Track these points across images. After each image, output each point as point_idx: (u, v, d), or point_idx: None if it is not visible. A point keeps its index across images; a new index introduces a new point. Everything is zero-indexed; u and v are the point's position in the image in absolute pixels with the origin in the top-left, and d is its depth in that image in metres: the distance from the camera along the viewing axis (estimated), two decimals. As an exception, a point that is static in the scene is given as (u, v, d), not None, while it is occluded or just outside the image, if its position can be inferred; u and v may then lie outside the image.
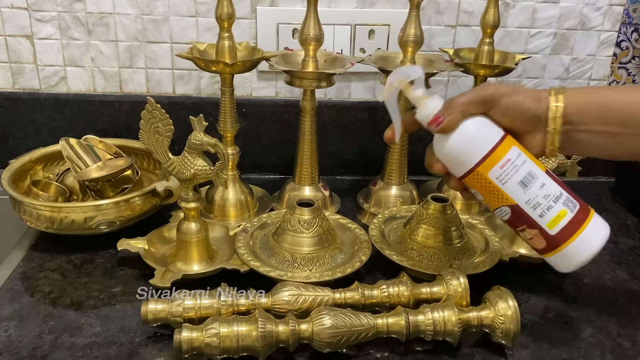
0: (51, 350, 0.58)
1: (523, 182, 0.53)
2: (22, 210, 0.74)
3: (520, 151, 0.54)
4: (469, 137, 0.54)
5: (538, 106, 0.54)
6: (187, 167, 0.65)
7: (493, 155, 0.53)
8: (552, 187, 0.53)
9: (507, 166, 0.53)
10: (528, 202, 0.53)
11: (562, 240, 0.52)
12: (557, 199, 0.53)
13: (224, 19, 0.74)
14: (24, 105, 0.95)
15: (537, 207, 0.53)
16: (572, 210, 0.52)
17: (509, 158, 0.53)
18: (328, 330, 0.56)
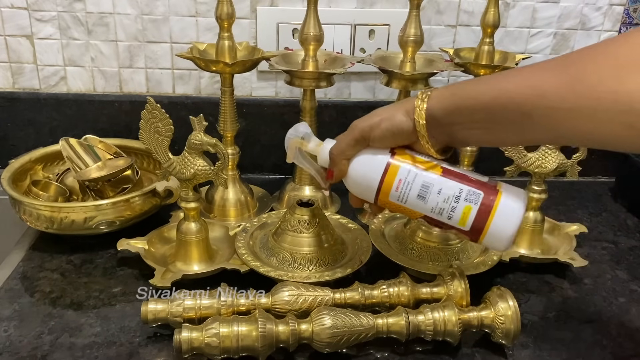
0: (51, 350, 0.58)
1: (420, 196, 0.55)
2: (22, 210, 0.74)
3: (411, 166, 0.56)
4: (358, 177, 0.58)
5: (408, 120, 0.54)
6: (187, 167, 0.65)
7: (385, 183, 0.56)
8: (449, 189, 0.54)
9: (401, 187, 0.56)
10: (432, 210, 0.55)
11: (479, 231, 0.54)
12: (458, 198, 0.54)
13: (224, 18, 0.74)
14: (24, 105, 0.95)
15: (442, 213, 0.55)
16: (476, 203, 0.53)
17: (400, 179, 0.56)
18: (328, 330, 0.56)
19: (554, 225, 0.81)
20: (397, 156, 0.56)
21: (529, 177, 0.74)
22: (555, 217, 0.82)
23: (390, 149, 0.57)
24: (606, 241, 0.84)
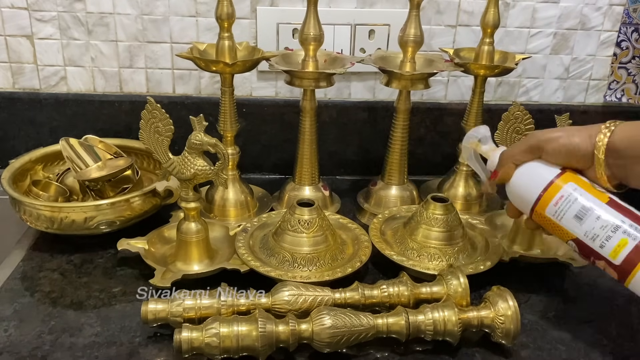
0: (51, 350, 0.58)
1: (578, 216, 0.55)
2: (22, 210, 0.74)
3: (577, 186, 0.55)
4: (521, 183, 0.59)
5: (588, 143, 0.54)
6: (187, 167, 0.65)
7: (546, 194, 0.56)
8: (610, 217, 0.53)
9: (561, 203, 0.55)
10: (586, 234, 0.54)
11: (629, 269, 0.52)
12: (616, 228, 0.53)
13: (224, 19, 0.74)
14: (24, 105, 0.95)
15: (595, 239, 0.54)
16: (635, 238, 0.52)
17: (562, 195, 0.55)
18: (328, 330, 0.56)
19: (554, 225, 0.81)
20: (566, 174, 0.56)
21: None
22: (555, 217, 0.82)
23: (562, 167, 0.57)
24: (606, 241, 0.84)
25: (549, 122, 0.73)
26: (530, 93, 1.01)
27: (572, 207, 0.55)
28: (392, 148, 0.86)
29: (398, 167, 0.86)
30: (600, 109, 1.02)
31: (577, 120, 0.99)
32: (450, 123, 0.99)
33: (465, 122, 0.86)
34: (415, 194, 0.88)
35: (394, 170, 0.87)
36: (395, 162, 0.86)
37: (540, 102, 1.02)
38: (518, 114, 0.72)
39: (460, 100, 1.00)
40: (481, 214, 0.86)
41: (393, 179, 0.87)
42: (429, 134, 1.01)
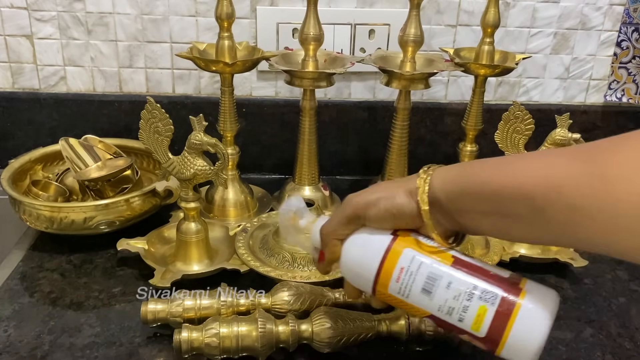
0: (51, 351, 0.58)
1: (425, 290, 0.46)
2: (22, 210, 0.74)
3: (415, 252, 0.47)
4: (352, 262, 0.49)
5: (411, 202, 0.47)
6: (187, 167, 0.65)
7: (383, 271, 0.47)
8: (461, 283, 0.45)
9: (403, 277, 0.46)
10: (440, 309, 0.45)
11: (497, 339, 0.44)
12: (471, 295, 0.44)
13: (224, 18, 0.74)
14: (24, 105, 0.95)
15: (452, 312, 0.45)
16: (493, 303, 0.43)
17: (402, 266, 0.46)
18: (328, 330, 0.56)
19: (554, 225, 0.81)
20: (399, 239, 0.48)
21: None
22: (555, 217, 0.82)
23: (393, 231, 0.48)
24: (606, 241, 0.84)
25: (549, 122, 0.73)
26: (531, 93, 1.01)
27: (417, 279, 0.46)
28: (392, 148, 0.86)
29: (398, 167, 0.86)
30: (601, 109, 1.02)
31: (578, 120, 0.99)
32: (450, 123, 0.99)
33: (465, 122, 0.86)
34: (415, 194, 0.88)
35: (394, 170, 0.87)
36: (395, 162, 0.86)
37: (541, 102, 1.02)
38: (518, 113, 0.72)
39: (460, 100, 1.00)
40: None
41: (393, 179, 0.87)
42: (429, 134, 1.00)
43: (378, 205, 0.47)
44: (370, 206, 0.48)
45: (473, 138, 0.87)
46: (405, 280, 0.46)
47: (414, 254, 0.47)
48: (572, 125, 0.71)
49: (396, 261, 0.47)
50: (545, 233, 0.41)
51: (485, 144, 0.89)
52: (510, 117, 0.72)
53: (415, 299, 0.46)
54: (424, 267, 0.46)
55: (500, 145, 0.74)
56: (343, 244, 0.50)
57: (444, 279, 0.45)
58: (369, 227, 0.49)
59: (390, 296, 0.48)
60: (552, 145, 0.71)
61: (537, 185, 0.39)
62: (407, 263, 0.46)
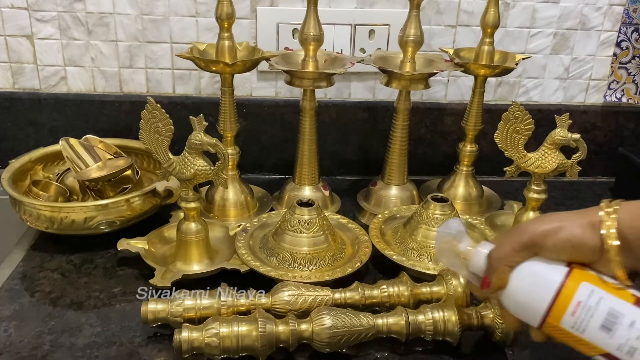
0: (51, 350, 0.58)
1: (605, 327, 0.44)
2: (22, 210, 0.74)
3: (594, 287, 0.45)
4: (521, 292, 0.48)
5: (593, 235, 0.45)
6: (187, 167, 0.65)
7: (557, 303, 0.46)
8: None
9: (579, 311, 0.45)
10: (620, 348, 0.44)
11: None
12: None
13: (224, 19, 0.74)
14: (24, 105, 0.95)
15: (634, 353, 0.43)
16: None
17: (579, 301, 0.45)
18: (328, 330, 0.56)
19: (554, 225, 0.81)
20: (576, 272, 0.46)
21: (529, 177, 0.74)
22: (555, 217, 0.82)
23: (568, 263, 0.47)
24: (606, 241, 0.84)
25: (549, 122, 0.73)
26: (530, 93, 1.01)
27: (596, 315, 0.44)
28: (392, 148, 0.86)
29: (398, 167, 0.86)
30: (600, 109, 1.02)
31: (577, 119, 0.99)
32: (450, 123, 0.99)
33: (465, 122, 0.86)
34: (415, 194, 0.88)
35: (394, 170, 0.87)
36: (395, 162, 0.86)
37: (540, 102, 1.02)
38: (518, 114, 0.72)
39: (460, 100, 1.00)
40: (481, 214, 0.86)
41: (393, 179, 0.87)
42: (429, 134, 1.01)
43: (558, 234, 0.46)
44: (549, 235, 0.46)
45: (473, 138, 0.87)
46: (582, 315, 0.45)
47: (593, 288, 0.45)
48: (572, 125, 0.71)
49: (573, 294, 0.45)
50: None
51: (485, 144, 0.89)
52: (510, 117, 0.72)
53: (591, 336, 0.45)
54: (604, 302, 0.44)
55: (500, 145, 0.74)
56: (512, 271, 0.48)
57: (626, 317, 0.44)
58: (543, 257, 0.47)
59: (561, 330, 0.46)
60: (552, 145, 0.71)
61: None
62: (585, 297, 0.45)
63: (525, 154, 0.73)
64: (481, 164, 0.90)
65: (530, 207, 0.75)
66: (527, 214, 0.75)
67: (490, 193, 0.92)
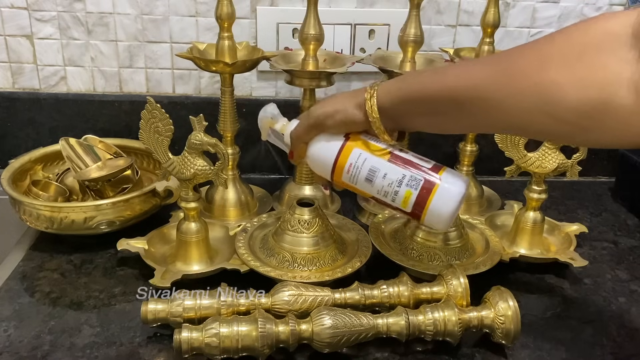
0: (51, 350, 0.58)
1: (368, 179, 0.60)
2: (22, 210, 0.74)
3: (362, 151, 0.61)
4: (315, 159, 0.63)
5: (360, 114, 0.59)
6: (187, 167, 0.65)
7: (337, 165, 0.62)
8: (394, 173, 0.59)
9: (352, 170, 0.61)
10: (378, 192, 0.60)
11: (419, 212, 0.59)
12: (400, 182, 0.59)
13: (224, 18, 0.74)
14: (24, 105, 0.95)
15: (387, 195, 0.60)
16: (417, 188, 0.58)
17: (351, 162, 0.61)
18: (328, 330, 0.56)
19: (554, 225, 0.81)
20: (350, 141, 0.61)
21: (529, 177, 0.74)
22: (555, 217, 0.82)
23: (345, 134, 0.62)
24: (606, 241, 0.84)
25: (549, 122, 0.73)
26: (530, 93, 1.01)
27: (362, 171, 0.60)
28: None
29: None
30: (600, 109, 1.01)
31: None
32: (450, 123, 0.99)
33: (465, 122, 0.86)
34: (415, 194, 0.88)
35: (394, 170, 0.86)
36: (395, 162, 0.86)
37: (540, 102, 1.02)
38: (518, 114, 0.71)
39: (460, 100, 1.00)
40: (481, 214, 0.86)
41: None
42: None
43: (334, 117, 0.60)
44: (327, 117, 0.60)
45: (473, 138, 0.87)
46: (353, 172, 0.61)
47: (360, 152, 0.61)
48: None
49: (347, 158, 0.61)
50: (466, 123, 0.56)
51: (485, 144, 0.89)
52: (510, 117, 0.72)
53: (361, 186, 0.61)
54: (367, 162, 0.60)
55: (500, 145, 0.74)
56: (308, 145, 0.63)
57: (381, 171, 0.60)
58: (327, 133, 0.62)
59: (344, 183, 0.63)
60: (552, 145, 0.72)
61: (461, 87, 0.51)
62: (354, 160, 0.61)
63: (526, 154, 0.73)
64: (481, 164, 0.90)
65: (531, 207, 0.75)
66: (528, 213, 0.75)
67: (490, 193, 0.92)
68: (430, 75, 0.56)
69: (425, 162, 0.61)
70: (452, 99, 0.52)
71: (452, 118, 0.54)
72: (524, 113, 0.47)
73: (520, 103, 0.47)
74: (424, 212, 0.59)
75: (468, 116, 0.52)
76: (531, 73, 0.46)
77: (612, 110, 0.43)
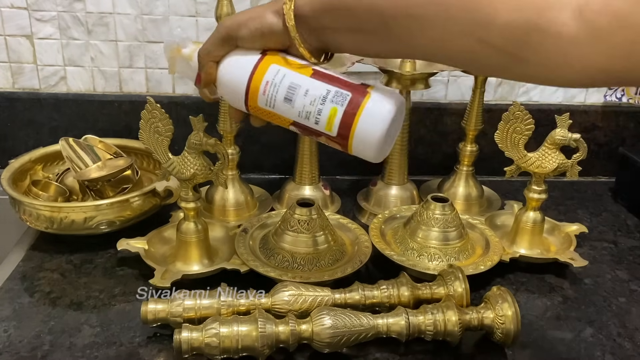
0: (51, 351, 0.58)
1: (287, 98, 0.51)
2: (22, 210, 0.74)
3: (280, 67, 0.52)
4: (227, 81, 0.54)
5: (278, 21, 0.50)
6: (187, 167, 0.65)
7: (252, 86, 0.52)
8: (316, 89, 0.50)
9: (268, 89, 0.51)
10: (300, 114, 0.51)
11: (346, 135, 0.50)
12: (324, 99, 0.50)
13: (224, 18, 0.74)
14: (24, 105, 0.95)
15: (309, 117, 0.51)
16: (342, 104, 0.50)
17: (267, 80, 0.51)
18: (328, 330, 0.56)
19: (554, 225, 0.81)
20: (267, 57, 0.52)
21: (529, 177, 0.74)
22: (555, 217, 0.82)
23: (262, 51, 0.53)
24: (606, 241, 0.84)
25: (550, 122, 0.73)
26: (531, 93, 1.01)
27: (280, 90, 0.51)
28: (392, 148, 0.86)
29: (398, 167, 0.86)
30: (600, 109, 1.02)
31: (577, 119, 0.99)
32: (450, 123, 0.99)
33: (466, 122, 0.86)
34: (415, 194, 0.88)
35: (394, 170, 0.87)
36: (396, 162, 0.86)
37: (540, 102, 1.02)
38: (518, 113, 0.72)
39: (460, 100, 1.00)
40: (481, 214, 0.86)
41: (393, 179, 0.87)
42: (429, 134, 1.01)
43: (248, 25, 0.51)
44: (241, 27, 0.51)
45: (473, 138, 0.87)
46: (270, 92, 0.51)
47: (279, 68, 0.51)
48: (572, 125, 0.71)
49: (263, 76, 0.51)
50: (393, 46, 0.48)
51: (485, 144, 0.89)
52: (510, 117, 0.72)
53: (279, 108, 0.52)
54: (286, 78, 0.51)
55: (500, 145, 0.74)
56: (218, 65, 0.53)
57: (302, 87, 0.51)
58: (241, 49, 0.53)
59: (260, 109, 0.53)
60: (552, 145, 0.71)
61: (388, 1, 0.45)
62: (272, 77, 0.51)
63: (526, 154, 0.73)
64: (481, 164, 0.90)
65: (531, 207, 0.75)
66: (528, 213, 0.75)
67: (490, 193, 0.92)
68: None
69: (353, 79, 0.53)
70: (378, 14, 0.46)
71: (378, 38, 0.48)
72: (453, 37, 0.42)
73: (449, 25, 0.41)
74: (350, 135, 0.50)
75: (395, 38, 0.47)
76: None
77: (549, 37, 0.37)
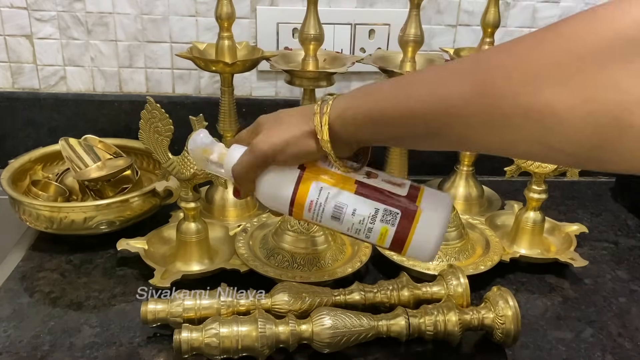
0: (51, 351, 0.58)
1: (334, 217, 0.51)
2: (22, 210, 0.74)
3: (322, 184, 0.51)
4: (268, 196, 0.54)
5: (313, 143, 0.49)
6: (187, 167, 0.65)
7: (296, 204, 0.52)
8: (364, 209, 0.50)
9: (314, 208, 0.52)
10: (349, 230, 0.52)
11: (401, 246, 0.51)
12: (374, 218, 0.50)
13: (224, 18, 0.74)
14: (24, 105, 0.95)
15: (359, 233, 0.52)
16: (394, 224, 0.50)
17: (312, 199, 0.52)
18: (328, 330, 0.56)
19: (554, 225, 0.81)
20: (307, 173, 0.52)
21: (529, 177, 0.74)
22: (555, 217, 0.82)
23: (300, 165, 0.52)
24: (606, 241, 0.84)
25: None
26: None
27: (326, 209, 0.51)
28: (392, 148, 0.86)
29: (398, 167, 0.86)
30: (601, 109, 1.01)
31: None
32: (450, 123, 0.99)
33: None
34: (415, 194, 0.88)
35: (394, 170, 0.87)
36: (395, 162, 0.86)
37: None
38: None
39: (460, 100, 1.00)
40: (481, 214, 0.86)
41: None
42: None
43: (286, 152, 0.50)
44: (277, 153, 0.50)
45: (473, 138, 0.86)
46: (316, 210, 0.52)
47: (322, 186, 0.52)
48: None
49: (306, 195, 0.52)
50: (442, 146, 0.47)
51: (485, 144, 0.88)
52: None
53: (327, 224, 0.52)
54: (331, 197, 0.51)
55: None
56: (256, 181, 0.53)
57: (349, 207, 0.51)
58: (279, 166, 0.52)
59: (307, 220, 0.54)
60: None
61: (430, 109, 0.41)
62: (315, 196, 0.52)
63: (526, 154, 0.73)
64: (481, 164, 0.90)
65: (531, 207, 0.75)
66: (528, 213, 0.75)
67: (490, 193, 0.92)
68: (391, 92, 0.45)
69: (399, 186, 0.51)
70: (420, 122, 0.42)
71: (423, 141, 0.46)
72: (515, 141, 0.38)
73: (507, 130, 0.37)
74: (405, 247, 0.51)
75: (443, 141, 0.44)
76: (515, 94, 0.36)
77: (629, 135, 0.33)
